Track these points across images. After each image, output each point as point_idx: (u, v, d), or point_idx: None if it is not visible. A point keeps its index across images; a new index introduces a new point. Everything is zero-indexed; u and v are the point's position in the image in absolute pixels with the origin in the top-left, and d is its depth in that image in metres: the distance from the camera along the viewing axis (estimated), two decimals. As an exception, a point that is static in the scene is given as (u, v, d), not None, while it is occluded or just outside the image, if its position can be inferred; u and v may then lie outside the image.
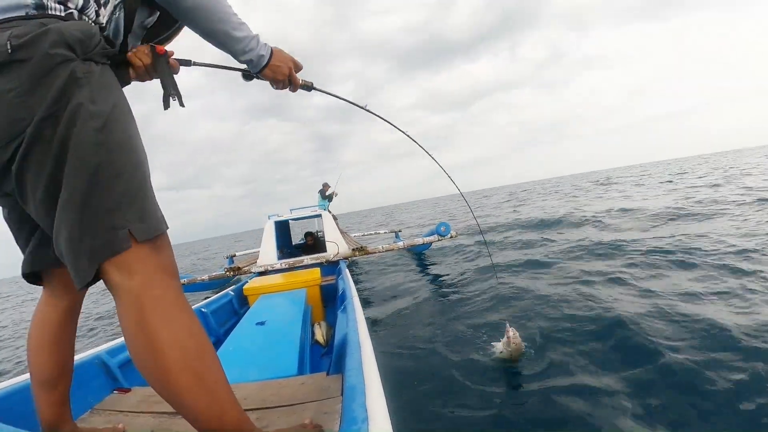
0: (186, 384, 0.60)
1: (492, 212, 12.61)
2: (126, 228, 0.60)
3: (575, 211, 8.28)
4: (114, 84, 0.67)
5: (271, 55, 0.86)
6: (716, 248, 3.72)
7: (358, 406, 0.80)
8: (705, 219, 5.34)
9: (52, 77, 0.56)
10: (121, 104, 0.66)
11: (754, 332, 2.01)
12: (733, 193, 7.48)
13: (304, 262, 4.87)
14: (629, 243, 4.49)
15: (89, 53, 0.62)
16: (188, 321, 0.64)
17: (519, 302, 3.16)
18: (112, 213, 0.60)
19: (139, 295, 0.60)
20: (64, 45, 0.58)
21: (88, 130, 0.58)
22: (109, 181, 0.60)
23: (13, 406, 1.09)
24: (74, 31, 0.59)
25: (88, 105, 0.59)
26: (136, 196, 0.63)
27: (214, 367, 0.66)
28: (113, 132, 0.61)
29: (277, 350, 1.65)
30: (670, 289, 2.89)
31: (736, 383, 1.65)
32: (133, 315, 0.60)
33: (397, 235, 8.02)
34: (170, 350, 0.60)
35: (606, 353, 2.10)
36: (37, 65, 0.55)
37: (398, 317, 3.41)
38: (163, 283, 0.63)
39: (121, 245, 0.60)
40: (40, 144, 0.57)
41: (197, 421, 0.62)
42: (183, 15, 0.75)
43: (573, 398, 1.72)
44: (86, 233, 0.58)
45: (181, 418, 1.04)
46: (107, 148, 0.60)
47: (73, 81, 0.58)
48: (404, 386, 2.08)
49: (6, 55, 0.54)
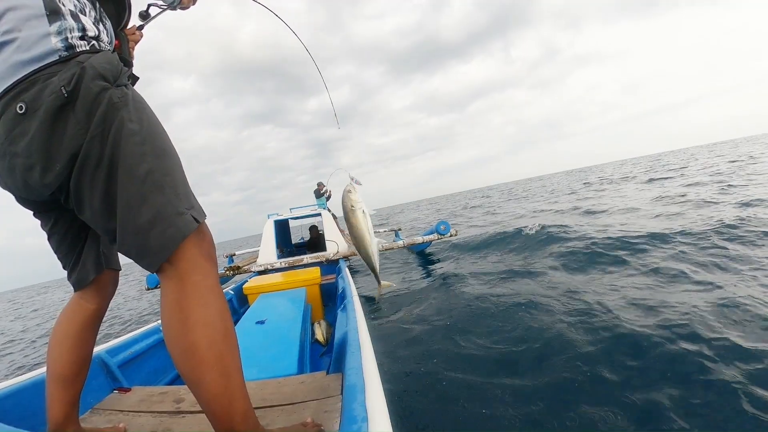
0: (209, 361, 0.66)
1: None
2: (188, 213, 0.71)
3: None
4: (143, 102, 0.76)
5: None
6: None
7: (358, 405, 0.80)
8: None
9: (95, 105, 0.66)
10: (152, 118, 0.76)
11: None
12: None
13: (304, 261, 4.87)
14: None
15: (119, 79, 0.71)
16: (221, 306, 0.71)
17: (519, 302, 3.17)
18: (173, 204, 0.70)
19: (182, 278, 0.69)
20: (100, 77, 0.67)
21: (133, 144, 0.68)
22: (162, 180, 0.70)
23: (13, 406, 1.09)
24: (103, 63, 0.69)
25: (127, 124, 0.69)
26: (185, 188, 0.74)
27: (236, 354, 0.72)
28: (153, 142, 0.72)
29: (277, 349, 1.65)
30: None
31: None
32: (173, 294, 0.69)
33: (396, 233, 8.02)
34: (202, 328, 0.67)
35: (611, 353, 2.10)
36: (85, 98, 0.65)
37: (398, 316, 3.41)
38: (204, 269, 0.72)
39: (191, 225, 0.70)
40: (92, 160, 0.67)
41: (209, 402, 0.68)
42: None
43: (575, 399, 1.73)
44: (157, 224, 0.68)
45: (182, 417, 1.03)
46: (153, 155, 0.70)
47: (112, 105, 0.68)
48: (404, 385, 2.08)
49: (63, 99, 0.64)
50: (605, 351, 2.09)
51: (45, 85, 0.64)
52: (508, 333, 2.54)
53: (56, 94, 0.63)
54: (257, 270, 4.89)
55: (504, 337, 2.49)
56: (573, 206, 8.67)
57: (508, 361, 2.16)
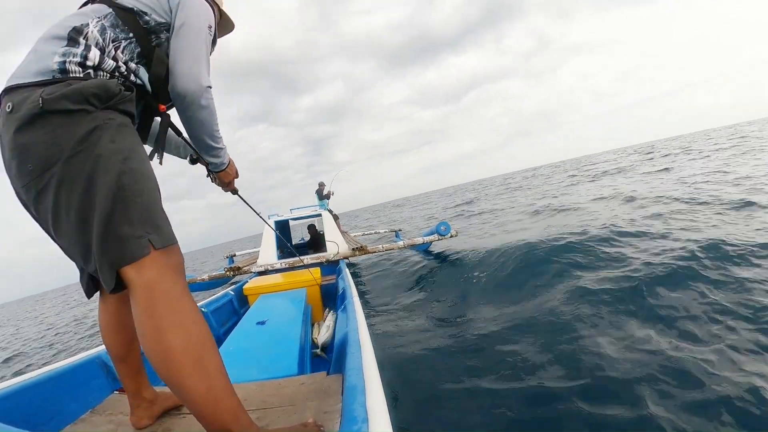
0: (186, 365, 0.69)
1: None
2: (146, 237, 0.73)
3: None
4: (132, 130, 0.81)
5: (228, 164, 1.13)
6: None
7: (359, 406, 0.80)
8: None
9: (75, 125, 0.70)
10: (136, 143, 0.80)
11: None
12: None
13: (304, 261, 4.87)
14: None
15: (109, 104, 0.75)
16: (192, 312, 0.74)
17: (520, 302, 3.17)
18: (134, 226, 0.72)
19: (151, 288, 0.71)
20: (84, 100, 0.71)
21: (115, 161, 0.72)
22: (132, 199, 0.73)
23: (13, 406, 1.09)
24: (92, 88, 0.73)
25: (109, 144, 0.73)
26: (153, 212, 0.76)
27: (214, 356, 0.74)
28: (133, 162, 0.76)
29: (277, 350, 1.65)
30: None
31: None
32: (143, 303, 0.71)
33: (397, 234, 8.02)
34: (175, 334, 0.69)
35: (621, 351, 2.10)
36: (62, 116, 0.70)
37: (399, 317, 3.41)
38: (172, 279, 0.74)
39: (143, 251, 0.72)
40: (71, 175, 0.70)
41: (195, 404, 0.70)
42: (185, 119, 0.92)
43: (577, 399, 1.72)
44: (112, 243, 0.70)
45: (182, 418, 1.04)
46: (130, 175, 0.74)
47: (96, 126, 0.72)
48: (405, 386, 2.08)
49: (37, 108, 0.69)
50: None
51: (31, 93, 0.70)
52: (511, 334, 2.54)
53: (34, 103, 0.69)
54: (257, 271, 4.89)
55: (508, 339, 2.49)
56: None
57: (509, 362, 2.16)
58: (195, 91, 0.87)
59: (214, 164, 1.08)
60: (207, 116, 0.92)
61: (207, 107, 0.91)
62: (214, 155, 1.03)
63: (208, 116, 0.92)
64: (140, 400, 1.01)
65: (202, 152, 1.02)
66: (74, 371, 1.34)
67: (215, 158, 1.05)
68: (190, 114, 0.90)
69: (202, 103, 0.89)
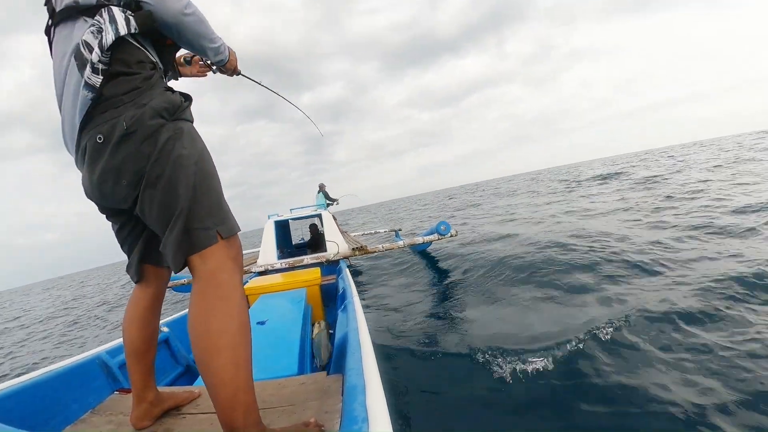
0: (221, 347, 0.75)
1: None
2: (214, 229, 0.84)
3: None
4: (195, 133, 0.93)
5: (230, 53, 1.19)
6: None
7: (359, 405, 0.80)
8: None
9: (155, 137, 0.82)
10: (204, 147, 0.92)
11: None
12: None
13: (304, 261, 4.87)
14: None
15: (175, 115, 0.87)
16: (239, 305, 0.82)
17: (521, 303, 3.17)
18: (204, 219, 0.83)
19: (211, 276, 0.81)
20: (158, 115, 0.83)
21: (189, 164, 0.84)
22: (203, 195, 0.85)
23: (13, 406, 1.09)
24: (162, 103, 0.85)
25: (183, 150, 0.85)
26: (220, 206, 0.88)
27: (247, 350, 0.80)
28: (204, 164, 0.88)
29: (277, 350, 1.65)
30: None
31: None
32: (201, 286, 0.80)
33: (397, 233, 8.02)
34: (220, 319, 0.77)
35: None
36: (145, 132, 0.82)
37: (399, 317, 3.41)
38: (230, 270, 0.84)
39: (211, 241, 0.83)
40: (155, 178, 0.82)
41: (215, 387, 0.75)
42: (184, 41, 0.98)
43: (578, 400, 1.73)
44: (187, 234, 0.81)
45: (182, 418, 1.04)
46: (201, 175, 0.86)
47: (170, 136, 0.84)
48: (405, 386, 2.08)
49: (124, 130, 0.81)
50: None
51: (116, 122, 0.81)
52: (511, 335, 2.54)
53: (121, 128, 0.81)
54: (257, 271, 4.88)
55: (508, 339, 2.49)
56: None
57: (510, 362, 2.16)
58: (175, 8, 0.91)
59: (220, 60, 1.15)
60: (196, 23, 0.95)
61: (192, 13, 0.94)
62: (219, 53, 1.09)
63: (198, 23, 0.96)
64: (143, 399, 1.04)
65: (209, 58, 1.09)
66: (74, 371, 1.34)
67: (220, 55, 1.11)
68: (181, 30, 0.94)
69: (186, 12, 0.92)
